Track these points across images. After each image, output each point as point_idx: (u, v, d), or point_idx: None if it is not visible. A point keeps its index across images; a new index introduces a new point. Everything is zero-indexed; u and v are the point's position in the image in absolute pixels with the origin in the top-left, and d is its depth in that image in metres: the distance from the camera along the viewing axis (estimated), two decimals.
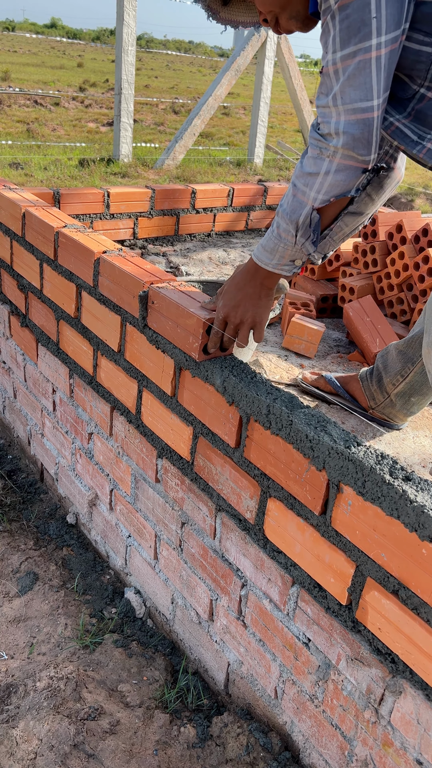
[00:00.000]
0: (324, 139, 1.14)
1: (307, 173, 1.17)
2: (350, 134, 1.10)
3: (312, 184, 1.16)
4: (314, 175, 1.16)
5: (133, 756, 1.33)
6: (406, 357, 1.84)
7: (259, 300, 1.30)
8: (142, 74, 19.23)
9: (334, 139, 1.12)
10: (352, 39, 1.05)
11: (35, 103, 10.30)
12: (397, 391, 1.88)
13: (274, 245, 1.24)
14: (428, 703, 1.02)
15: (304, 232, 1.21)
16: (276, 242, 1.24)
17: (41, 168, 5.95)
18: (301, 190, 1.18)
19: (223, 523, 1.40)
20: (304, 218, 1.19)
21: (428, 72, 1.13)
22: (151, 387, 1.52)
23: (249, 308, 1.29)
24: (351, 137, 1.10)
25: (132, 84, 5.96)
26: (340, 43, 1.07)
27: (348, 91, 1.08)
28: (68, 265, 1.73)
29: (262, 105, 6.97)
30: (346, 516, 1.08)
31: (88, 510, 1.95)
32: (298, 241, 1.22)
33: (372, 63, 1.06)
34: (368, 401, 1.97)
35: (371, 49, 1.05)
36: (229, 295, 1.30)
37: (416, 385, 1.86)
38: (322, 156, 1.15)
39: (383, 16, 1.03)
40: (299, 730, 1.33)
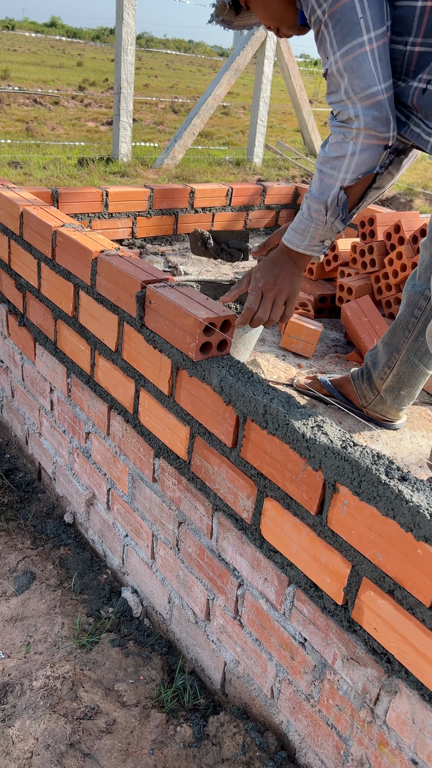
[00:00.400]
0: (346, 124, 1.26)
1: (333, 157, 1.29)
2: (369, 115, 1.23)
3: (339, 166, 1.29)
4: (341, 158, 1.28)
5: (129, 755, 1.33)
6: (391, 347, 1.86)
7: (294, 276, 1.42)
8: (141, 73, 19.22)
9: (355, 122, 1.25)
10: (346, 38, 1.21)
11: (34, 102, 10.29)
12: (386, 385, 1.89)
13: (306, 226, 1.37)
14: (423, 703, 1.02)
15: (334, 211, 1.33)
16: (307, 223, 1.36)
17: (40, 167, 5.95)
18: (329, 174, 1.31)
19: (219, 522, 1.40)
20: (332, 198, 1.32)
21: (402, 67, 1.28)
22: (148, 386, 1.52)
23: (286, 280, 1.41)
24: (371, 117, 1.23)
25: (131, 83, 5.96)
26: (337, 44, 1.22)
27: (355, 82, 1.22)
28: (66, 265, 1.73)
29: (262, 104, 6.97)
30: (342, 516, 1.08)
31: (86, 509, 1.95)
32: (329, 220, 1.34)
33: (368, 55, 1.21)
34: (360, 400, 1.98)
35: (364, 44, 1.20)
36: (265, 269, 1.41)
37: (404, 377, 1.86)
38: (346, 140, 1.27)
39: (368, 16, 1.19)
40: (295, 730, 1.33)
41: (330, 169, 1.30)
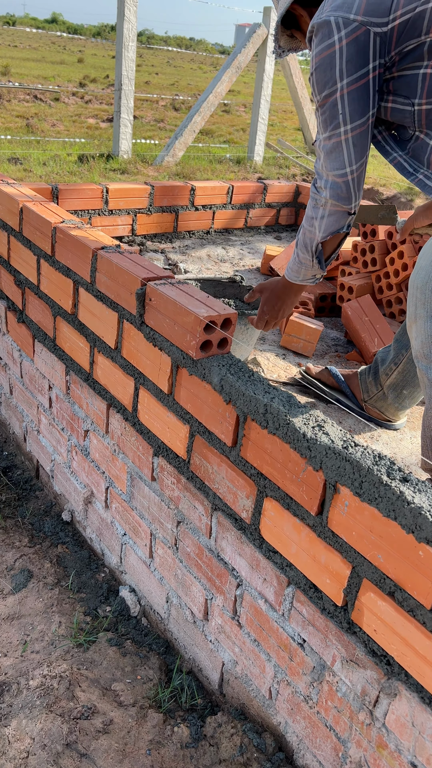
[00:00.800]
0: (318, 192, 1.58)
1: (310, 217, 1.61)
2: (334, 191, 1.53)
3: (314, 225, 1.61)
4: (314, 219, 1.60)
5: (126, 756, 1.33)
6: (400, 344, 1.86)
7: (292, 305, 1.85)
8: (142, 71, 19.18)
9: (324, 192, 1.55)
10: (328, 127, 1.48)
11: (35, 98, 10.26)
12: (390, 382, 1.91)
13: (298, 268, 1.72)
14: (423, 705, 1.02)
15: (318, 257, 1.66)
16: (299, 266, 1.72)
17: (40, 163, 5.93)
18: (308, 229, 1.63)
19: (218, 522, 1.39)
20: (315, 248, 1.64)
21: (414, 122, 1.48)
22: (147, 385, 1.51)
23: (286, 310, 1.84)
24: (335, 193, 1.53)
25: (132, 80, 5.94)
26: (322, 128, 1.50)
27: (329, 161, 1.51)
28: (65, 261, 1.72)
29: (263, 103, 6.95)
30: (343, 517, 1.08)
31: (84, 508, 1.94)
32: (314, 263, 1.68)
33: (343, 144, 1.47)
34: (362, 394, 1.99)
35: (341, 134, 1.47)
36: (270, 302, 1.83)
37: (408, 376, 1.86)
38: (317, 205, 1.59)
39: (347, 112, 1.44)
40: (293, 731, 1.32)
41: (309, 226, 1.62)
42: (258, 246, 3.27)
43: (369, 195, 6.11)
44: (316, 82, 1.46)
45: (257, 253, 3.17)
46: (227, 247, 3.18)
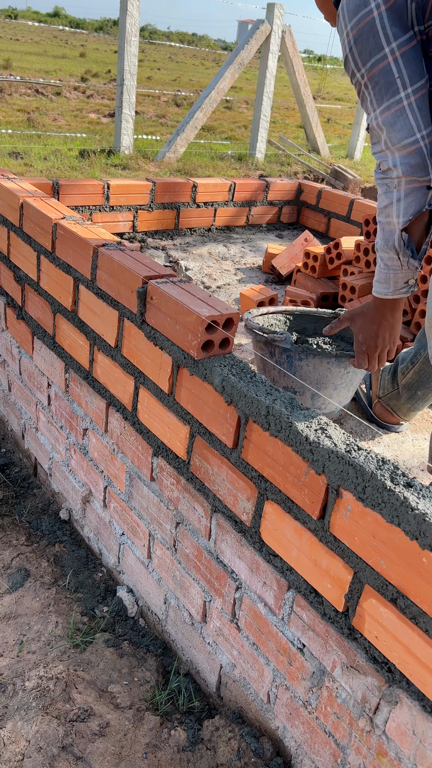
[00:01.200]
0: (387, 175, 1.38)
1: (383, 207, 1.41)
2: (406, 163, 1.34)
3: (391, 213, 1.40)
4: (389, 206, 1.39)
5: (122, 759, 1.31)
6: (419, 344, 1.86)
7: (393, 329, 1.54)
8: (144, 66, 19.10)
9: (394, 171, 1.36)
10: (385, 97, 1.33)
11: (36, 92, 10.21)
12: (405, 381, 1.89)
13: (386, 276, 1.46)
14: (425, 714, 1.00)
15: (404, 252, 1.42)
16: (386, 272, 1.46)
17: (41, 158, 5.89)
18: (386, 222, 1.42)
19: (218, 524, 1.38)
20: (397, 242, 1.41)
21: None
22: (148, 384, 1.49)
23: (387, 336, 1.54)
24: (408, 166, 1.34)
25: (134, 75, 5.90)
26: (377, 102, 1.34)
27: (393, 134, 1.33)
28: (66, 258, 1.70)
29: (265, 99, 6.92)
30: (345, 521, 1.06)
31: (82, 506, 1.92)
32: (403, 262, 1.43)
33: (407, 109, 1.32)
34: (378, 390, 1.98)
35: (402, 100, 1.32)
36: (366, 329, 1.55)
37: (424, 376, 1.85)
38: (389, 190, 1.39)
39: (405, 75, 1.30)
40: (291, 736, 1.31)
41: (385, 218, 1.41)
42: (260, 244, 3.25)
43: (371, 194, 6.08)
44: (359, 55, 1.33)
45: (259, 251, 3.15)
46: (228, 245, 3.16)
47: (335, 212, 3.35)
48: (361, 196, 6.26)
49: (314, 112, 7.60)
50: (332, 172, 6.33)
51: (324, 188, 3.41)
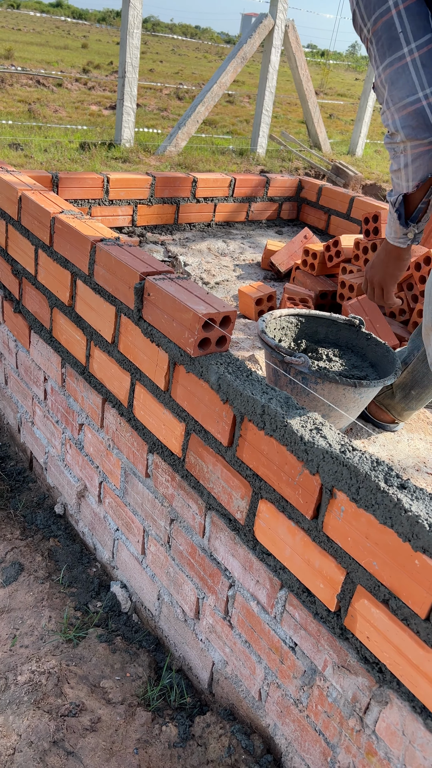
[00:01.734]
0: (392, 139, 1.32)
1: (394, 171, 1.38)
2: (407, 125, 1.27)
3: (401, 176, 1.37)
4: (398, 171, 1.36)
5: (113, 754, 1.32)
6: (413, 344, 1.85)
7: (384, 265, 1.59)
8: (146, 58, 19.02)
9: (398, 135, 1.30)
10: (387, 53, 1.26)
11: (37, 83, 10.16)
12: (399, 381, 1.89)
13: (390, 218, 1.48)
14: (414, 715, 1.01)
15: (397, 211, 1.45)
16: (390, 218, 1.49)
17: (41, 150, 5.87)
18: (396, 182, 1.40)
19: (212, 522, 1.38)
20: (394, 200, 1.44)
21: None
22: (144, 380, 1.49)
23: (378, 268, 1.60)
24: (410, 127, 1.27)
25: (136, 68, 5.88)
26: (380, 59, 1.29)
27: (394, 93, 1.27)
28: (64, 252, 1.70)
29: (267, 94, 6.89)
30: (339, 522, 1.06)
31: (77, 501, 1.92)
32: (393, 216, 1.46)
33: (409, 65, 1.25)
34: None
35: (406, 56, 1.25)
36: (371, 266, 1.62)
37: (418, 376, 1.85)
38: (397, 155, 1.34)
39: (408, 29, 1.23)
40: (282, 734, 1.31)
41: (396, 179, 1.39)
42: (259, 240, 3.24)
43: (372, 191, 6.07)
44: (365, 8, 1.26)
45: (258, 248, 3.14)
46: (228, 241, 3.15)
47: (335, 209, 3.34)
48: (362, 193, 6.25)
49: (316, 107, 7.58)
50: (333, 168, 6.32)
51: (324, 185, 3.40)
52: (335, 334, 1.94)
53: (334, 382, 1.56)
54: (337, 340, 1.94)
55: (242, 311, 2.43)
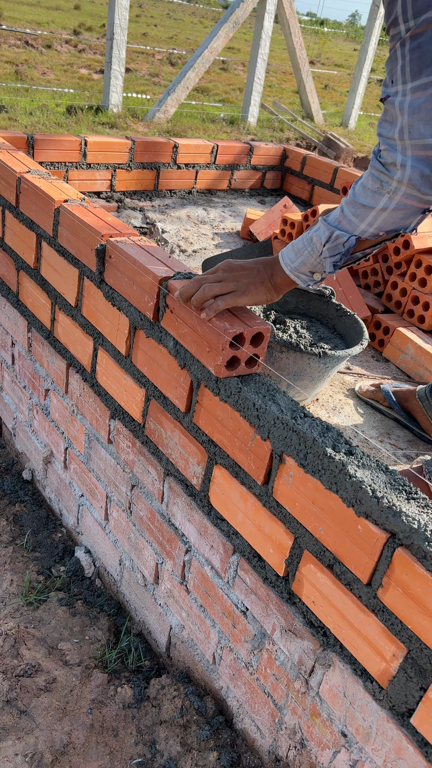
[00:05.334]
0: (387, 170, 1.04)
1: (360, 204, 1.09)
2: (418, 171, 1.01)
3: (363, 216, 1.09)
4: (368, 208, 1.08)
5: (66, 714, 1.33)
6: None
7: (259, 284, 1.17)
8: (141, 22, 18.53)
9: (398, 172, 1.03)
10: (424, 70, 0.95)
11: (26, 44, 9.89)
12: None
13: (302, 247, 1.14)
14: (355, 677, 1.02)
15: (333, 247, 1.12)
16: (305, 245, 1.14)
17: (27, 113, 5.73)
18: (348, 219, 1.10)
19: (170, 487, 1.37)
20: (339, 235, 1.11)
21: None
22: (106, 345, 1.47)
23: (242, 281, 1.15)
24: (419, 174, 1.01)
25: (125, 30, 5.72)
26: (410, 74, 0.98)
27: (417, 125, 0.98)
28: (29, 213, 1.66)
29: (260, 62, 6.75)
30: (287, 487, 1.06)
31: (44, 467, 1.92)
32: (324, 253, 1.12)
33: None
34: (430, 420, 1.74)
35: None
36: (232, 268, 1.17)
37: None
38: (381, 191, 1.06)
39: None
40: (234, 696, 1.33)
41: (352, 215, 1.10)
42: (240, 209, 3.20)
43: (363, 164, 5.99)
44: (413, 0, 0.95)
45: (239, 217, 3.10)
46: (208, 209, 3.10)
47: (319, 180, 3.29)
48: (353, 166, 6.16)
49: (309, 76, 7.43)
50: (325, 140, 6.23)
51: (309, 155, 3.35)
52: (305, 305, 1.91)
53: (299, 351, 1.55)
54: (308, 310, 1.92)
55: None
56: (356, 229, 1.10)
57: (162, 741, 1.31)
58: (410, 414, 1.79)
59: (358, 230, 1.10)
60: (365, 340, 1.69)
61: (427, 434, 1.77)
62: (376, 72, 16.20)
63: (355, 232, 1.10)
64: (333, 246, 1.11)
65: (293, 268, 1.16)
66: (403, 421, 1.79)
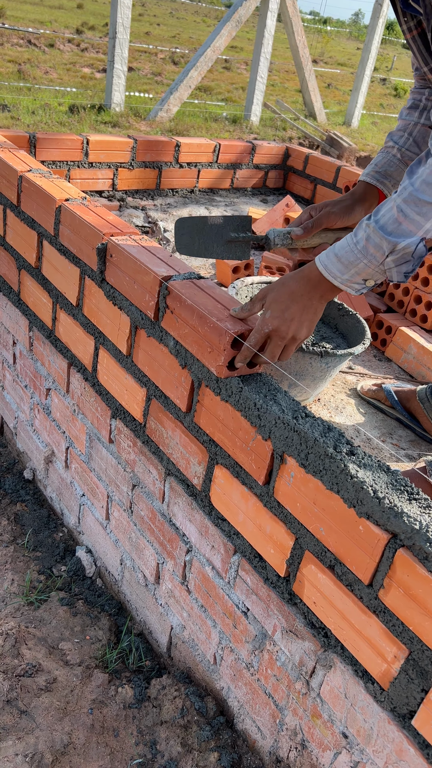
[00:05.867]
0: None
1: (424, 201, 0.99)
2: None
3: (429, 215, 1.00)
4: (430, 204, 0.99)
5: (66, 714, 1.33)
6: None
7: (315, 315, 1.11)
8: (144, 21, 18.53)
9: None
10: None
11: (29, 42, 9.89)
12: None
13: (355, 258, 1.05)
14: (356, 678, 1.01)
15: (400, 258, 1.04)
16: (358, 256, 1.05)
17: (29, 112, 5.73)
18: (412, 219, 1.01)
19: (171, 487, 1.37)
20: (406, 245, 1.02)
21: None
22: (107, 345, 1.47)
23: (304, 323, 1.10)
24: None
25: (128, 28, 5.72)
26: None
27: None
28: (30, 212, 1.66)
29: (262, 60, 6.74)
30: (288, 487, 1.05)
31: (45, 466, 1.92)
32: (387, 264, 1.05)
33: None
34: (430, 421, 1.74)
35: None
36: (280, 304, 1.10)
37: None
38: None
39: None
40: (235, 697, 1.33)
41: (416, 214, 1.00)
42: (242, 208, 3.19)
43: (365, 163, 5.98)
44: None
45: None
46: (210, 208, 3.09)
47: (321, 179, 3.28)
48: (355, 165, 6.15)
49: (312, 75, 7.42)
50: (327, 139, 6.21)
51: (311, 153, 3.34)
52: None
53: (300, 350, 1.55)
54: None
55: (219, 279, 2.39)
56: (421, 229, 1.01)
57: (163, 741, 1.30)
58: (412, 414, 1.79)
59: (422, 230, 1.01)
60: (367, 339, 1.68)
61: (429, 435, 1.77)
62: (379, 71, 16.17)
63: (420, 233, 1.01)
64: (399, 257, 1.04)
65: (344, 280, 1.08)
66: (405, 422, 1.79)
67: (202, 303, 1.18)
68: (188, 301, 1.18)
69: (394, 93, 13.83)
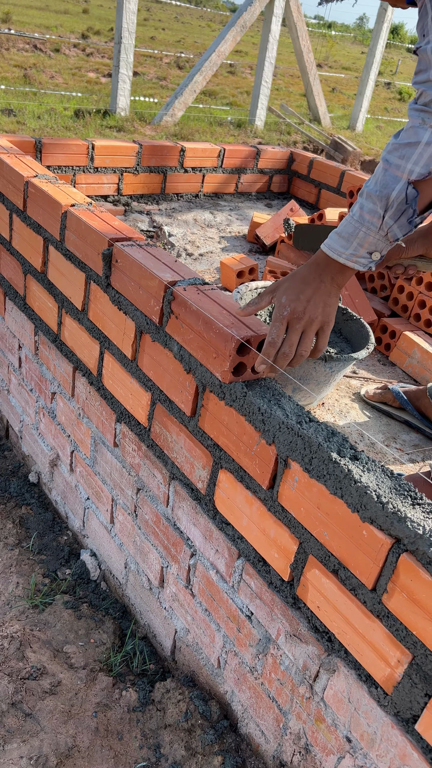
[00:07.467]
0: (427, 107, 1.04)
1: (404, 144, 1.06)
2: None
3: (410, 155, 1.05)
4: (413, 144, 1.05)
5: (71, 717, 1.33)
6: None
7: (329, 297, 1.13)
8: (149, 25, 18.61)
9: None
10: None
11: (35, 48, 9.94)
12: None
13: (354, 229, 1.09)
14: (360, 683, 1.02)
15: (396, 211, 1.07)
16: (356, 226, 1.09)
17: (35, 116, 5.76)
18: (395, 164, 1.06)
19: (176, 491, 1.38)
20: (397, 193, 1.06)
21: None
22: (112, 349, 1.48)
23: (319, 304, 1.11)
24: None
25: (133, 33, 5.74)
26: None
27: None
28: (36, 217, 1.67)
29: (267, 65, 6.76)
30: (292, 492, 1.06)
31: (50, 470, 1.92)
32: (386, 223, 1.07)
33: None
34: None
35: None
36: (292, 291, 1.12)
37: None
38: (424, 125, 1.04)
39: None
40: (239, 701, 1.33)
41: (398, 158, 1.06)
42: (247, 212, 3.20)
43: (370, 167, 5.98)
44: None
45: (246, 220, 3.10)
46: (215, 212, 3.11)
47: (326, 183, 3.29)
48: (360, 169, 6.16)
49: (317, 80, 7.43)
50: (332, 143, 6.22)
51: (316, 158, 3.35)
52: None
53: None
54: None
55: (223, 283, 2.40)
56: (405, 171, 1.05)
57: (167, 745, 1.31)
58: (423, 413, 1.78)
59: (407, 171, 1.05)
60: (371, 344, 1.69)
61: None
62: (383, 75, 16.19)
63: (405, 175, 1.06)
64: (396, 210, 1.07)
65: (349, 256, 1.11)
66: (413, 422, 1.79)
67: (207, 308, 1.19)
68: (194, 306, 1.19)
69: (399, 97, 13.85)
